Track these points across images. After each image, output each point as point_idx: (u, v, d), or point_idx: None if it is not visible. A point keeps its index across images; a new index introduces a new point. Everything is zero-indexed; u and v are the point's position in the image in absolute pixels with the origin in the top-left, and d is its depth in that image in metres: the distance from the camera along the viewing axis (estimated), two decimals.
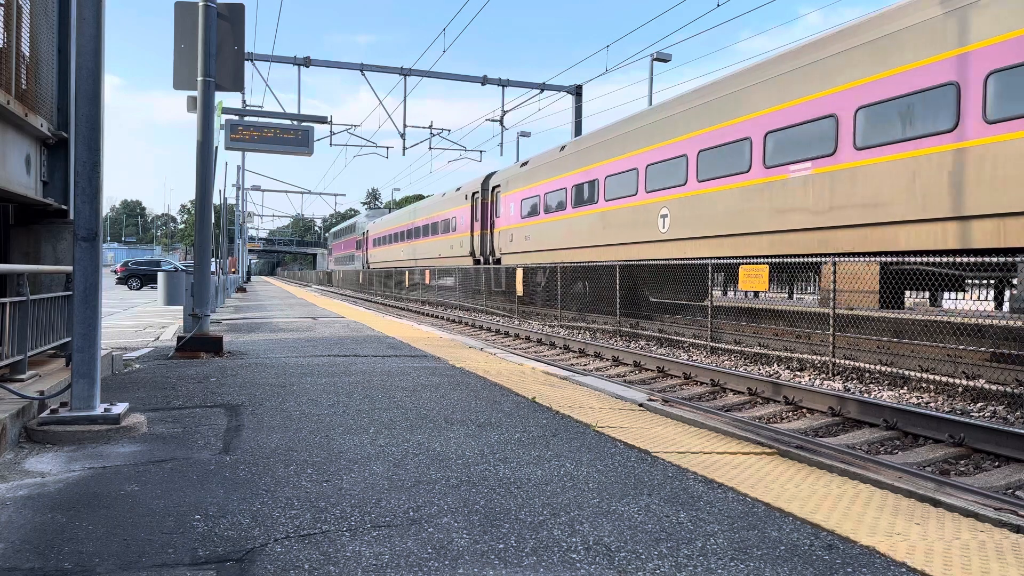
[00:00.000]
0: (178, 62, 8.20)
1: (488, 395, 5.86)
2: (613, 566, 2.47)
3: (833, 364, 9.55)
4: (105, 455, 3.85)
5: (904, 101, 9.91)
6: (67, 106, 6.09)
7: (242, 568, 2.41)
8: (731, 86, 13.36)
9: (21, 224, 6.44)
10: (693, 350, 12.52)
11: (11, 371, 5.03)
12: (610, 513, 3.01)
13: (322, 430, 4.46)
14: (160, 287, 19.65)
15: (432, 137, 30.93)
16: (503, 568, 2.44)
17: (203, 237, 8.33)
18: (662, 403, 5.90)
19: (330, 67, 25.75)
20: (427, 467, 3.67)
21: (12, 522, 2.82)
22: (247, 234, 60.04)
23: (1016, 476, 5.42)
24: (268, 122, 15.11)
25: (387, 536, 2.71)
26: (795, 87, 11.65)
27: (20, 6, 5.16)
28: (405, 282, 32.53)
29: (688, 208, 14.33)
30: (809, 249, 11.38)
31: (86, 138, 4.37)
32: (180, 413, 4.97)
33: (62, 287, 6.24)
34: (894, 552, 2.61)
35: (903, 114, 9.92)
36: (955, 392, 8.00)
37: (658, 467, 3.75)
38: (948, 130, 9.28)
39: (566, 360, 12.38)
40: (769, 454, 4.09)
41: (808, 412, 7.68)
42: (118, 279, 37.76)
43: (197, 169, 8.20)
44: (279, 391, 5.88)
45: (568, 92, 27.77)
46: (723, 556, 2.57)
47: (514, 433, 4.47)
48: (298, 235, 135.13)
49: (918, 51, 9.71)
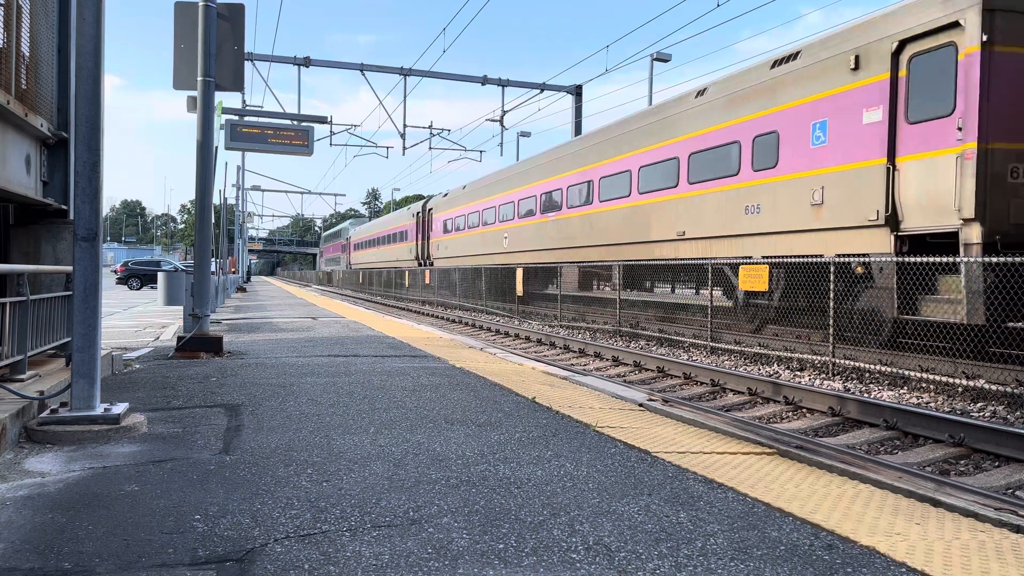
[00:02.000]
0: (178, 62, 8.21)
1: (488, 395, 5.86)
2: (613, 566, 2.47)
3: (833, 364, 9.55)
4: (105, 455, 3.85)
5: (717, 151, 13.54)
6: (67, 106, 6.09)
7: (242, 568, 2.41)
8: (608, 132, 18.03)
9: (21, 224, 6.44)
10: (693, 350, 12.52)
11: (11, 371, 5.02)
12: (610, 513, 3.01)
13: (322, 430, 4.46)
14: (160, 287, 19.64)
15: (432, 137, 30.95)
16: (503, 568, 2.44)
17: (203, 237, 8.33)
18: (662, 403, 5.90)
19: (330, 67, 25.78)
20: (427, 467, 3.67)
21: (12, 522, 2.82)
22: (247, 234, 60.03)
23: (1016, 476, 5.43)
24: (268, 122, 15.13)
25: (387, 536, 2.71)
26: (658, 135, 15.49)
27: (20, 6, 5.16)
28: (405, 282, 32.73)
29: (525, 231, 22.49)
30: (676, 253, 14.88)
31: (86, 138, 4.37)
32: (180, 413, 4.97)
33: (62, 287, 6.24)
34: (894, 552, 2.61)
35: (716, 160, 13.51)
36: (955, 392, 8.00)
37: (658, 467, 3.76)
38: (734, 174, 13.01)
39: (566, 360, 12.38)
40: (769, 454, 4.09)
41: (808, 412, 7.68)
42: (118, 279, 37.76)
43: (197, 169, 8.21)
44: (279, 391, 5.88)
45: (568, 92, 27.79)
46: (723, 556, 2.57)
47: (514, 433, 4.47)
48: (298, 235, 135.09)
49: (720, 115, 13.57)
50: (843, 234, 10.67)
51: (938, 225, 9.22)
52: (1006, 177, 8.80)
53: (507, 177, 24.43)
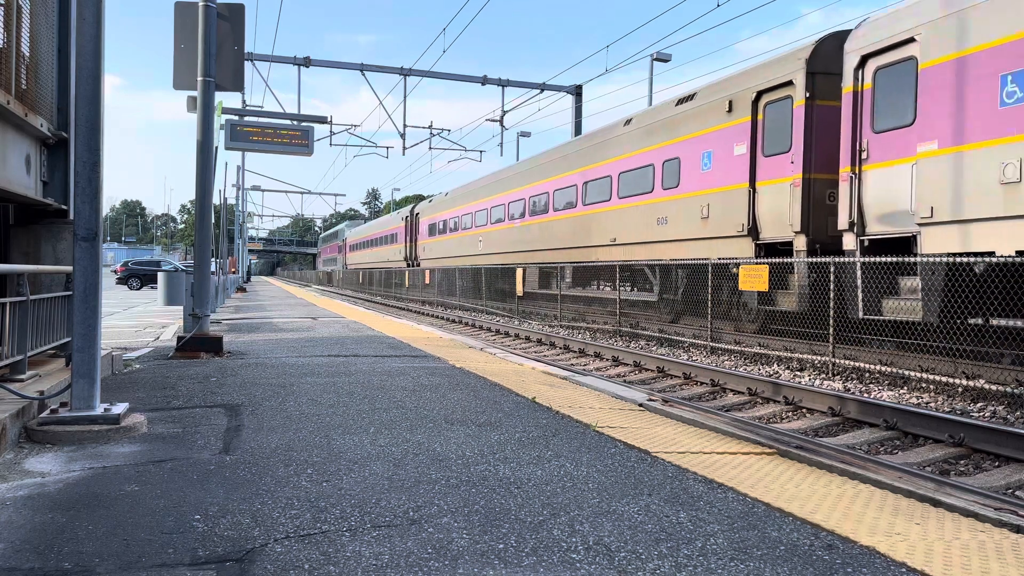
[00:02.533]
0: (178, 62, 8.20)
1: (488, 395, 5.86)
2: (613, 566, 2.47)
3: (833, 364, 9.55)
4: (105, 455, 3.85)
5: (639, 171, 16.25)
6: (67, 106, 6.09)
7: (242, 568, 2.41)
8: (558, 152, 20.92)
9: (21, 224, 6.44)
10: (693, 350, 12.52)
11: (11, 371, 5.02)
12: (610, 513, 3.01)
13: (322, 430, 4.46)
14: (160, 287, 19.64)
15: (432, 137, 30.95)
16: (503, 568, 2.44)
17: (203, 237, 8.33)
18: (662, 403, 5.90)
19: (330, 67, 25.78)
20: (427, 467, 3.67)
21: (12, 522, 2.82)
22: (247, 234, 60.06)
23: (1016, 476, 5.43)
24: (268, 122, 15.13)
25: (387, 536, 2.71)
26: (599, 156, 18.22)
27: (20, 6, 5.16)
28: (405, 282, 32.78)
29: (496, 236, 25.56)
30: (609, 256, 17.30)
31: (86, 138, 4.37)
32: (180, 413, 4.97)
33: (62, 287, 6.23)
34: (894, 552, 2.61)
35: (638, 179, 16.26)
36: (955, 392, 8.01)
37: (658, 467, 3.76)
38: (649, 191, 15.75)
39: (566, 360, 12.38)
40: (769, 454, 4.09)
41: (808, 412, 7.68)
42: (118, 279, 37.74)
43: (197, 169, 8.20)
44: (279, 391, 5.88)
45: (568, 92, 27.79)
46: (723, 556, 2.57)
47: (514, 433, 4.47)
48: (298, 235, 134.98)
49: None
50: (723, 242, 13.38)
51: (780, 236, 12.06)
52: (824, 200, 11.46)
53: (482, 186, 27.45)
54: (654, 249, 15.53)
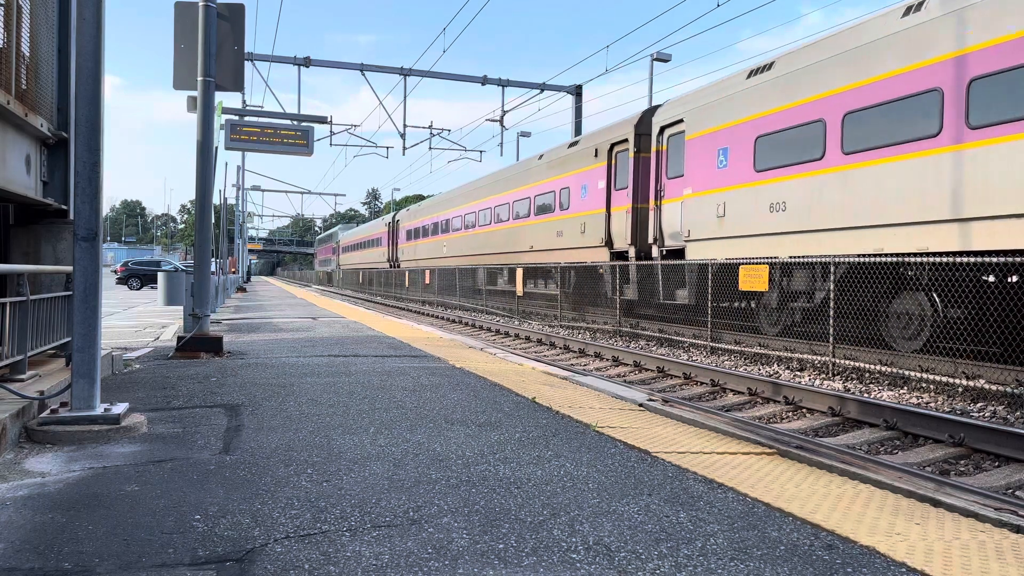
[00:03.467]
0: (178, 62, 8.20)
1: (488, 395, 5.86)
2: (613, 566, 2.47)
3: (833, 364, 9.56)
4: (105, 455, 3.85)
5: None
6: (67, 106, 6.09)
7: (242, 568, 2.41)
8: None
9: (21, 224, 6.44)
10: (693, 350, 12.52)
11: (11, 371, 5.02)
12: (610, 513, 3.01)
13: (322, 430, 4.46)
14: (160, 287, 19.65)
15: (432, 137, 30.96)
16: (503, 568, 2.44)
17: (203, 237, 8.33)
18: (662, 403, 5.90)
19: (330, 67, 25.78)
20: (427, 467, 3.67)
21: (12, 522, 2.82)
22: (247, 234, 60.06)
23: (1016, 476, 5.43)
24: (268, 122, 15.12)
25: (387, 536, 2.71)
26: (522, 181, 23.24)
27: (20, 6, 5.16)
28: (405, 282, 32.81)
29: (456, 242, 30.32)
30: (531, 259, 22.04)
31: (86, 138, 4.37)
32: (180, 413, 4.97)
33: (62, 287, 6.23)
34: (894, 552, 2.61)
35: (546, 202, 21.43)
36: (955, 392, 8.01)
37: (658, 467, 3.76)
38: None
39: (566, 360, 12.38)
40: (769, 454, 4.09)
41: (808, 412, 7.68)
42: (118, 279, 37.74)
43: (197, 169, 8.20)
44: (279, 391, 5.88)
45: (568, 92, 27.80)
46: (723, 556, 2.57)
47: (514, 433, 4.47)
48: (298, 235, 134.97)
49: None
50: (593, 250, 18.24)
51: (622, 247, 16.95)
52: (647, 223, 16.00)
53: (446, 199, 32.68)
54: (554, 254, 20.47)
